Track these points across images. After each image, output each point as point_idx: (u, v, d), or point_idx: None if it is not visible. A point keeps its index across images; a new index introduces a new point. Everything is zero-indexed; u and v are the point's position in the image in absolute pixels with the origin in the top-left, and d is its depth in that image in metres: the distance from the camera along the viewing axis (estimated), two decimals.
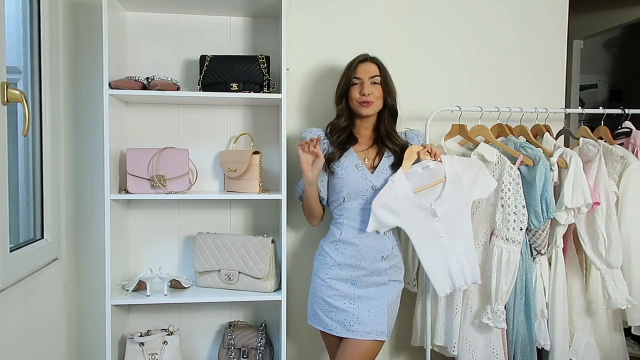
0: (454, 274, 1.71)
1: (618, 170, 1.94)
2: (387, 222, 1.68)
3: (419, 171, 1.70)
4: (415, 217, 1.69)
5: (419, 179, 1.71)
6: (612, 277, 1.86)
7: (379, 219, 1.67)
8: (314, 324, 1.76)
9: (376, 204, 1.66)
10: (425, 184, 1.70)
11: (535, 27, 2.29)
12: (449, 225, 1.70)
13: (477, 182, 1.72)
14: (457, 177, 1.70)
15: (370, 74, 1.73)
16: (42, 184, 1.85)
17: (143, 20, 2.05)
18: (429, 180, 1.71)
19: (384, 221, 1.68)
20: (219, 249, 1.97)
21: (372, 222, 1.67)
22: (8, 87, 1.39)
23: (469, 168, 1.73)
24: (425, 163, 1.70)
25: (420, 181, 1.70)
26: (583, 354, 1.92)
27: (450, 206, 1.69)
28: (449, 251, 1.70)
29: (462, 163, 1.74)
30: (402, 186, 1.68)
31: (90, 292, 2.07)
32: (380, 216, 1.66)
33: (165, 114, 2.08)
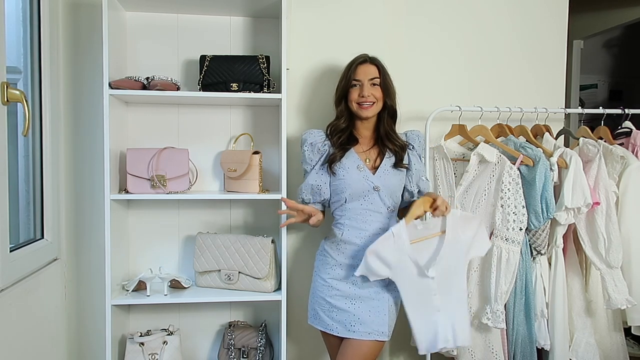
0: (440, 334, 1.63)
1: (618, 170, 1.94)
2: (378, 273, 1.63)
3: (419, 227, 1.66)
4: (408, 272, 1.63)
5: (417, 233, 1.65)
6: (612, 277, 1.86)
7: (369, 267, 1.62)
8: (315, 324, 1.76)
9: (370, 251, 1.61)
10: (422, 236, 1.65)
11: (535, 27, 2.29)
12: (443, 283, 1.63)
13: (475, 240, 1.67)
14: (456, 235, 1.65)
15: (369, 76, 1.73)
16: (42, 184, 1.85)
17: (143, 20, 2.05)
18: (425, 233, 1.66)
19: (374, 270, 1.62)
20: (219, 249, 1.97)
21: (362, 268, 1.63)
22: (8, 87, 1.39)
23: (470, 224, 1.67)
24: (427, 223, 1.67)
25: (417, 234, 1.65)
26: (583, 354, 1.92)
27: (447, 264, 1.63)
28: (440, 310, 1.63)
29: (463, 220, 1.67)
30: (401, 239, 1.61)
31: (90, 292, 2.07)
32: (371, 265, 1.61)
33: (165, 114, 2.08)
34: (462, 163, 2.03)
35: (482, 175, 1.90)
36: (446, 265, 1.63)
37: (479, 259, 1.90)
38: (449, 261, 1.63)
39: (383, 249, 1.61)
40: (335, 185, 1.74)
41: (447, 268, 1.63)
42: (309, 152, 1.77)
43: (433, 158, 2.06)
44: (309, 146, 1.77)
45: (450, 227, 1.65)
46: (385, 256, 1.61)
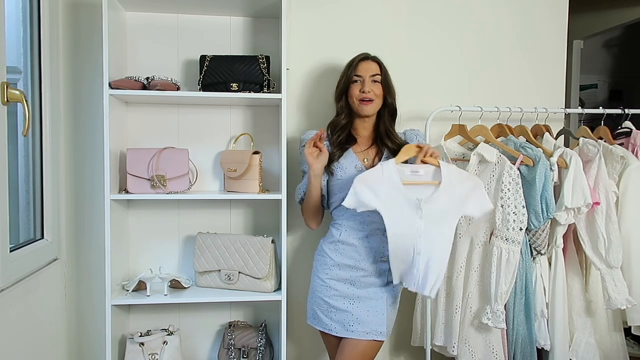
0: (413, 275, 1.59)
1: (618, 170, 1.94)
2: (367, 202, 1.58)
3: (407, 172, 1.62)
4: (398, 206, 1.58)
5: (406, 178, 1.62)
6: (612, 277, 1.86)
7: (358, 196, 1.57)
8: (314, 324, 1.76)
9: (359, 180, 1.58)
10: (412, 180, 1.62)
11: (535, 27, 2.29)
12: (431, 228, 1.58)
13: (471, 197, 1.61)
14: (451, 185, 1.60)
15: (370, 72, 1.73)
16: (42, 184, 1.85)
17: (143, 20, 2.05)
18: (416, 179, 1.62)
19: (362, 200, 1.58)
20: (219, 249, 1.97)
21: (350, 198, 1.58)
22: (8, 87, 1.39)
23: (465, 180, 1.63)
24: (415, 168, 1.62)
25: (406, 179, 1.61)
26: (583, 354, 1.92)
27: (438, 210, 1.58)
28: (420, 254, 1.57)
29: (459, 175, 1.63)
30: (391, 173, 1.59)
31: (90, 292, 2.07)
32: (360, 193, 1.57)
33: (165, 114, 2.08)
34: (462, 163, 2.02)
35: (482, 175, 1.90)
36: (436, 210, 1.58)
37: (479, 259, 1.89)
38: (440, 206, 1.58)
39: (372, 179, 1.59)
40: (333, 185, 1.74)
41: (437, 213, 1.58)
42: None
43: None
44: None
45: (446, 176, 1.61)
46: (374, 186, 1.58)
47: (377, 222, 1.70)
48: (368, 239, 1.69)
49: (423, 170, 1.62)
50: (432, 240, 1.58)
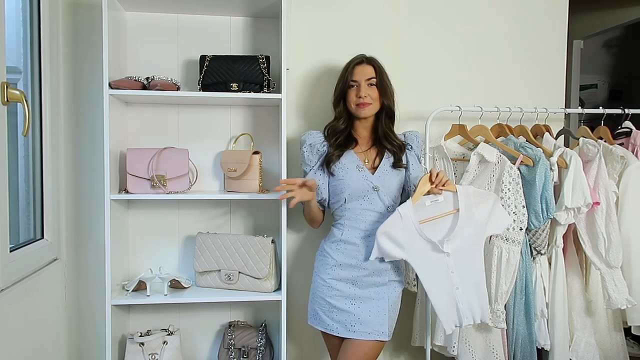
0: (462, 310, 1.64)
1: (618, 170, 1.94)
2: (392, 254, 1.63)
3: (427, 204, 1.64)
4: (423, 251, 1.62)
5: (426, 211, 1.64)
6: (612, 277, 1.86)
7: (382, 249, 1.62)
8: (315, 324, 1.76)
9: (380, 232, 1.61)
10: (432, 215, 1.64)
11: (535, 27, 2.29)
12: (460, 260, 1.62)
13: (492, 217, 1.65)
14: (470, 212, 1.63)
15: (366, 76, 1.73)
16: (42, 184, 1.85)
17: (143, 20, 2.05)
18: (436, 213, 1.65)
19: (387, 252, 1.63)
20: (219, 249, 1.97)
21: (375, 251, 1.63)
22: (8, 87, 1.39)
23: (484, 201, 1.65)
24: (435, 197, 1.64)
25: (426, 213, 1.64)
26: (583, 354, 1.92)
27: (462, 241, 1.62)
28: (459, 288, 1.63)
29: (477, 196, 1.66)
30: (409, 218, 1.61)
31: (90, 292, 2.07)
32: (384, 247, 1.62)
33: (165, 114, 2.08)
34: (462, 163, 2.03)
35: (482, 175, 1.90)
36: (462, 242, 1.62)
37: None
38: (464, 238, 1.62)
39: (392, 229, 1.61)
40: (335, 185, 1.75)
41: (463, 245, 1.62)
42: (308, 152, 1.78)
43: (433, 158, 2.06)
44: (308, 147, 1.78)
45: (464, 204, 1.63)
46: (396, 236, 1.61)
47: (378, 221, 1.70)
48: (370, 238, 1.69)
49: (442, 197, 1.65)
50: (467, 273, 1.63)
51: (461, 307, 1.63)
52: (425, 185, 1.64)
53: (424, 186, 1.64)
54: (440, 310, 1.64)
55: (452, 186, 1.65)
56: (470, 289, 1.64)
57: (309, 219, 1.87)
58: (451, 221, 1.64)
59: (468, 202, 1.63)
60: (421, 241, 1.62)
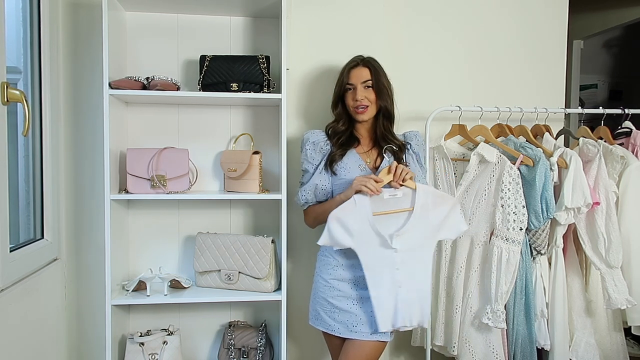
0: (400, 310, 1.59)
1: (618, 170, 1.94)
2: (341, 241, 1.60)
3: (385, 197, 1.61)
4: (371, 243, 1.59)
5: (383, 204, 1.61)
6: (612, 277, 1.86)
7: (332, 235, 1.59)
8: (316, 324, 1.75)
9: (332, 217, 1.58)
10: (388, 209, 1.61)
11: (535, 27, 2.29)
12: (407, 259, 1.59)
13: (447, 221, 1.61)
14: (424, 212, 1.60)
15: (362, 79, 1.73)
16: (42, 184, 1.85)
17: (143, 20, 2.05)
18: (393, 207, 1.61)
19: (337, 239, 1.59)
20: (219, 249, 1.97)
21: (325, 236, 1.60)
22: (8, 87, 1.39)
23: (442, 204, 1.61)
24: (394, 191, 1.61)
25: (383, 206, 1.60)
26: (583, 354, 1.92)
27: (412, 239, 1.59)
28: (401, 286, 1.59)
29: (436, 198, 1.62)
30: (364, 207, 1.58)
31: (90, 292, 2.07)
32: (334, 232, 1.59)
33: (165, 114, 2.08)
34: (462, 163, 2.03)
35: (482, 175, 1.90)
36: (411, 241, 1.59)
37: (479, 259, 1.90)
38: (414, 237, 1.59)
39: (345, 215, 1.58)
40: (338, 185, 1.74)
41: (412, 244, 1.59)
42: (311, 150, 1.77)
43: (433, 158, 2.06)
44: (311, 145, 1.77)
45: (420, 202, 1.60)
46: (347, 223, 1.58)
47: None
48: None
49: (401, 192, 1.62)
50: (413, 272, 1.60)
51: (400, 306, 1.59)
52: (386, 176, 1.61)
53: (385, 177, 1.61)
54: (378, 307, 1.59)
55: (413, 183, 1.62)
56: (413, 290, 1.60)
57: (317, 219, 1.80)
58: (405, 218, 1.61)
59: (425, 202, 1.60)
60: (371, 233, 1.58)
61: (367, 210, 1.59)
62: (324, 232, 1.61)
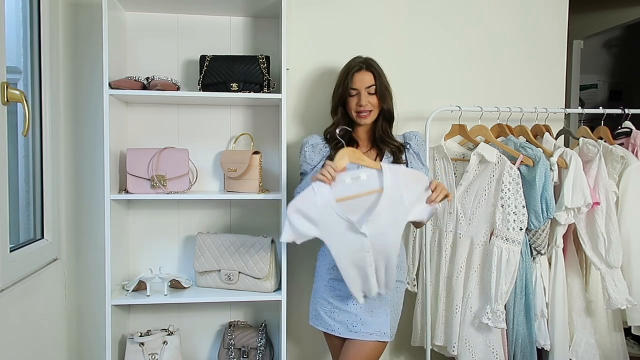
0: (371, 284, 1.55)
1: (618, 170, 1.94)
2: (306, 232, 1.50)
3: (347, 181, 1.50)
4: (338, 230, 1.49)
5: (346, 188, 1.50)
6: (612, 277, 1.86)
7: (295, 228, 1.49)
8: (316, 324, 1.75)
9: (291, 209, 1.48)
10: (352, 193, 1.50)
11: (535, 27, 2.29)
12: (378, 242, 1.50)
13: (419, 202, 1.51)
14: (396, 193, 1.49)
15: (366, 84, 1.72)
16: (42, 184, 1.85)
17: (143, 20, 2.05)
18: (358, 191, 1.50)
19: (301, 230, 1.49)
20: (219, 249, 1.97)
21: (286, 231, 1.49)
22: (8, 87, 1.39)
23: (413, 182, 1.51)
24: (356, 174, 1.51)
25: (347, 191, 1.50)
26: (583, 354, 1.92)
27: (383, 222, 1.49)
28: (372, 265, 1.53)
29: (407, 177, 1.51)
30: (323, 194, 1.48)
31: (90, 292, 2.07)
32: (296, 224, 1.49)
33: (165, 114, 2.08)
34: (462, 163, 2.03)
35: (482, 175, 1.90)
36: (382, 224, 1.49)
37: (479, 259, 1.90)
38: (385, 220, 1.49)
39: (304, 204, 1.49)
40: None
41: (383, 227, 1.50)
42: (309, 152, 1.77)
43: (433, 158, 2.06)
44: (310, 147, 1.78)
45: (389, 183, 1.49)
46: (309, 212, 1.48)
47: None
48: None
49: (365, 175, 1.52)
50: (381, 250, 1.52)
51: (372, 280, 1.54)
52: (343, 159, 1.53)
53: (342, 160, 1.52)
54: (350, 282, 1.55)
55: (377, 164, 1.53)
56: (381, 267, 1.54)
57: None
58: (374, 201, 1.49)
59: (396, 182, 1.49)
60: (337, 219, 1.49)
61: (328, 198, 1.48)
62: (285, 227, 1.50)
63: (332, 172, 1.50)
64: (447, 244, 2.00)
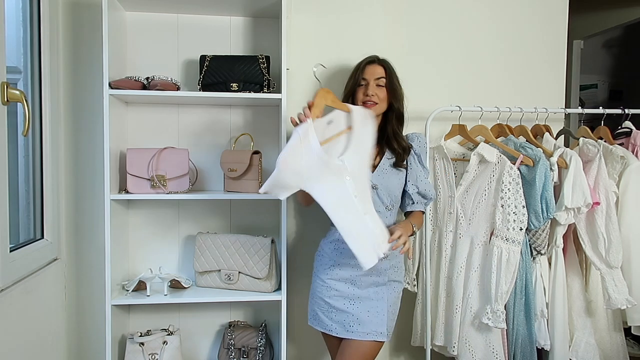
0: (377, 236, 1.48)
1: (618, 170, 1.94)
2: (290, 184, 1.44)
3: (324, 124, 1.50)
4: (322, 177, 1.44)
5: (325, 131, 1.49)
6: (612, 277, 1.86)
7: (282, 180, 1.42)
8: (314, 325, 1.76)
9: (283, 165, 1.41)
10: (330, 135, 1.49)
11: (535, 27, 2.29)
12: (358, 183, 1.47)
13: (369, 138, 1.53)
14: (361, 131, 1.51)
15: (375, 76, 1.74)
16: (42, 184, 1.85)
17: (143, 20, 2.05)
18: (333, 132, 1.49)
19: (285, 182, 1.43)
20: (219, 249, 1.97)
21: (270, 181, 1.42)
22: (8, 87, 1.39)
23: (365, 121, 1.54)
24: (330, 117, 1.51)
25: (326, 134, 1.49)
26: (583, 354, 1.92)
27: (357, 160, 1.48)
28: (366, 212, 1.47)
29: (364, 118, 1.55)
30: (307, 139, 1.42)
31: (90, 292, 2.07)
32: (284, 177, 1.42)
33: (165, 114, 2.08)
34: (462, 163, 2.03)
35: (482, 175, 1.90)
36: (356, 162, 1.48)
37: (479, 259, 1.89)
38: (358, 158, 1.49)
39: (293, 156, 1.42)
40: None
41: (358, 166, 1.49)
42: None
43: (433, 158, 2.06)
44: None
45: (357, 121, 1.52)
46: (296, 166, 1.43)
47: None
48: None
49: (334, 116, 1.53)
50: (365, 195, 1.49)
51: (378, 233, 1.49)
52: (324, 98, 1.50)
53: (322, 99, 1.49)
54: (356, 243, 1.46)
55: (346, 106, 1.55)
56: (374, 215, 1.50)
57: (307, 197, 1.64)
58: (345, 141, 1.49)
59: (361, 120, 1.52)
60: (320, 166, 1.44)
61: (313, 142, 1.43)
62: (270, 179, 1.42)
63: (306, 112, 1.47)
64: (447, 244, 2.00)
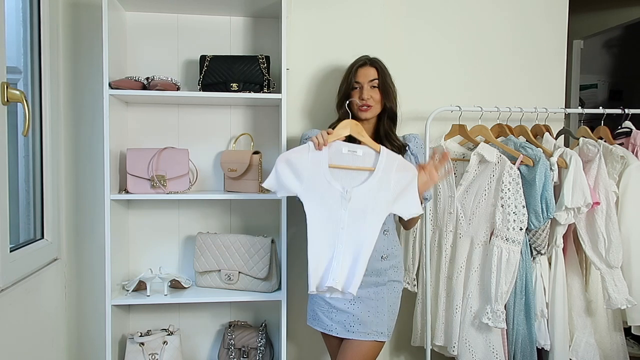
0: (333, 269, 1.47)
1: (618, 170, 1.94)
2: (288, 185, 1.50)
3: (344, 151, 1.52)
4: (320, 193, 1.48)
5: (340, 157, 1.52)
6: (612, 277, 1.86)
7: (279, 177, 1.51)
8: (314, 325, 1.75)
9: (282, 158, 1.50)
10: (345, 164, 1.51)
11: (535, 27, 2.29)
12: (356, 219, 1.48)
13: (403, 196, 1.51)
14: (386, 175, 1.50)
15: (369, 78, 1.74)
16: (42, 184, 1.85)
17: (143, 20, 2.05)
18: (351, 163, 1.52)
19: (284, 182, 1.50)
20: (219, 249, 1.97)
21: (271, 178, 1.52)
22: (8, 87, 1.39)
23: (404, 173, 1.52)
24: (354, 147, 1.53)
25: (340, 160, 1.52)
26: (583, 354, 1.92)
27: (366, 200, 1.48)
28: (342, 245, 1.48)
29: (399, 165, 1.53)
30: (319, 155, 1.49)
31: (90, 292, 2.07)
32: (281, 174, 1.50)
33: (165, 114, 2.08)
34: (462, 163, 2.03)
35: (482, 175, 1.90)
36: (365, 202, 1.49)
37: (479, 259, 1.89)
38: (370, 198, 1.49)
39: (296, 158, 1.50)
40: None
41: (364, 205, 1.49)
42: None
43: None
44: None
45: (383, 165, 1.51)
46: (298, 166, 1.49)
47: None
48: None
49: (362, 151, 1.53)
50: (357, 235, 1.48)
51: (334, 265, 1.47)
52: (345, 129, 1.55)
53: (344, 129, 1.54)
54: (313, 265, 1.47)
55: (377, 145, 1.56)
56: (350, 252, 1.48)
57: None
58: (364, 178, 1.51)
59: (389, 166, 1.50)
60: (323, 182, 1.48)
61: (322, 158, 1.49)
62: (271, 174, 1.52)
63: (324, 136, 1.52)
64: (447, 244, 2.00)
